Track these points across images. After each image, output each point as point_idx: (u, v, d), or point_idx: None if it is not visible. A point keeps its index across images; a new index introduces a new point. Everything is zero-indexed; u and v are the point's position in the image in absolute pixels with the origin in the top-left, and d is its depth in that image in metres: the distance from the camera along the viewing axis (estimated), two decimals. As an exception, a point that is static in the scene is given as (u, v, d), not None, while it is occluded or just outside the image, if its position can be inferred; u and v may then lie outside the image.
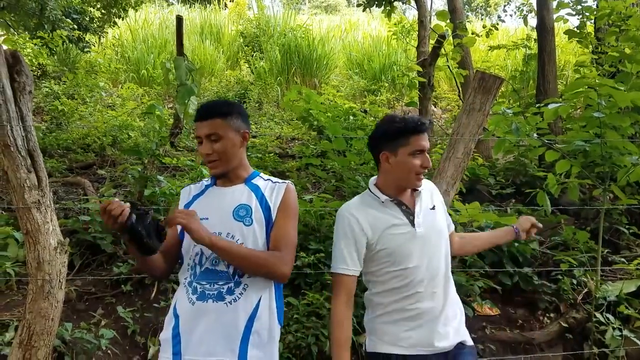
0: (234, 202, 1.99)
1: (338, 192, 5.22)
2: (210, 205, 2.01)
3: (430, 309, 2.03)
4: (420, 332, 2.02)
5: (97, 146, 6.72)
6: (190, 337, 1.86)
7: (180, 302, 1.93)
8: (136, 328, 3.46)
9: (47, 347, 2.74)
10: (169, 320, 1.94)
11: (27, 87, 2.73)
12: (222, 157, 1.99)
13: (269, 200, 2.01)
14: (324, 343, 3.40)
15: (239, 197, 2.00)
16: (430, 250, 2.06)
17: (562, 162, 3.85)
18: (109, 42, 11.81)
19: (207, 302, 1.86)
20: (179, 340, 1.87)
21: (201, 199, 2.06)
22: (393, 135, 2.03)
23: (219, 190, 2.06)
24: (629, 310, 3.73)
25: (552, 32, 6.70)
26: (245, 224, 1.94)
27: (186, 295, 1.90)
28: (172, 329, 1.90)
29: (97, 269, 3.99)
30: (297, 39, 11.27)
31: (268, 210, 1.99)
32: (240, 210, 1.97)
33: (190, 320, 1.87)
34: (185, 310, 1.89)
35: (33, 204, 2.70)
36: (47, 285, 2.72)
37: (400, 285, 2.04)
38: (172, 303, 1.98)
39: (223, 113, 2.01)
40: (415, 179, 2.04)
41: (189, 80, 4.98)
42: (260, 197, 2.01)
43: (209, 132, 1.99)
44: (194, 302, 1.87)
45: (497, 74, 3.21)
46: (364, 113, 7.51)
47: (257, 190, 2.03)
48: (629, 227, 4.70)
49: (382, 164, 2.10)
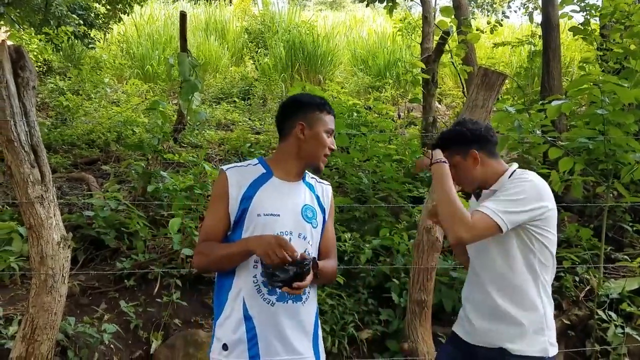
0: (300, 201, 1.94)
1: (341, 189, 5.23)
2: (279, 200, 1.90)
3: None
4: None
5: (101, 142, 6.74)
6: (271, 338, 1.82)
7: (252, 302, 1.83)
8: (139, 323, 3.48)
9: (50, 341, 2.76)
10: (238, 322, 1.83)
11: (30, 82, 2.74)
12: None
13: (322, 201, 2.03)
14: (325, 339, 3.40)
15: (303, 196, 1.97)
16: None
17: (565, 160, 3.84)
18: (114, 38, 11.82)
19: (287, 303, 1.84)
20: (256, 342, 1.81)
21: (266, 190, 1.91)
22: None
23: (283, 184, 1.94)
24: (631, 307, 3.73)
25: (557, 28, 6.66)
26: (314, 226, 1.94)
27: (259, 295, 1.83)
28: (247, 331, 1.82)
29: (100, 264, 4.01)
30: (302, 35, 11.25)
31: (323, 212, 2.02)
32: (308, 211, 1.94)
33: (270, 321, 1.83)
34: (262, 311, 1.83)
35: (36, 198, 2.72)
36: (50, 280, 2.74)
37: None
38: (233, 303, 1.86)
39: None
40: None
41: (193, 76, 4.99)
42: (317, 198, 2.02)
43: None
44: (274, 302, 1.83)
45: (500, 70, 3.20)
46: (368, 110, 7.50)
47: (313, 190, 2.03)
48: (632, 224, 4.69)
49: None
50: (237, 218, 1.88)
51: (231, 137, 7.17)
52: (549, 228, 1.98)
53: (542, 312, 1.97)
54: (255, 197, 1.88)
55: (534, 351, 1.95)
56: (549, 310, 2.01)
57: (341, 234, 4.12)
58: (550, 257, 2.01)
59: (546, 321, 1.98)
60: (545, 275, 2.00)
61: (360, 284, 3.88)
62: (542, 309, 1.98)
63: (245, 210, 1.87)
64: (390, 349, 3.49)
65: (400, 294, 3.70)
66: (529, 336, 1.95)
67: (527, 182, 1.94)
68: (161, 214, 4.46)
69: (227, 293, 1.88)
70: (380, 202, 4.68)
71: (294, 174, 1.96)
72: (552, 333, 2.00)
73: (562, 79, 6.95)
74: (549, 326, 1.99)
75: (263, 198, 1.88)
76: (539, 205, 1.92)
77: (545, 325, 1.97)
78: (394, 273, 3.89)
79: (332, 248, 2.03)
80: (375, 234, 4.24)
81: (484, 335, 2.03)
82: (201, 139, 7.12)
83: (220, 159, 6.32)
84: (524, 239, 1.96)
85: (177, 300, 3.60)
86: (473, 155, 2.07)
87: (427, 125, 6.22)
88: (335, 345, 3.43)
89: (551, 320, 2.01)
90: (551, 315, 2.02)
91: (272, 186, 1.92)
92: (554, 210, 1.99)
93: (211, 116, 8.32)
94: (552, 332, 2.00)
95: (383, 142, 5.70)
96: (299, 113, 1.93)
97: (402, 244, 4.01)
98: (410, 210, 4.71)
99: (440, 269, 3.71)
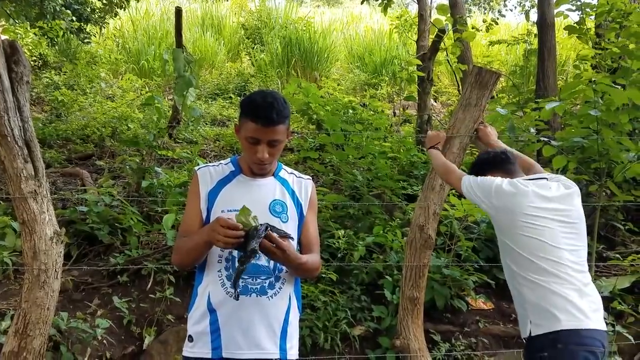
0: (269, 196, 1.94)
1: (335, 186, 5.24)
2: (244, 197, 1.90)
3: None
4: None
5: (96, 137, 6.72)
6: (232, 331, 1.83)
7: (215, 296, 1.86)
8: (132, 318, 3.49)
9: (42, 336, 2.76)
10: (202, 314, 1.87)
11: (24, 77, 2.73)
12: (273, 161, 1.94)
13: (299, 196, 2.01)
14: (318, 335, 3.42)
15: (273, 192, 1.96)
16: None
17: (559, 158, 3.86)
18: (110, 33, 11.77)
19: (250, 297, 1.84)
20: (219, 334, 1.83)
21: (230, 188, 1.94)
22: None
23: (250, 181, 1.96)
24: (622, 306, 3.75)
25: (553, 27, 6.67)
26: (283, 221, 1.92)
27: (223, 289, 1.85)
28: (210, 323, 1.85)
29: (94, 260, 4.01)
30: (299, 31, 11.23)
31: (299, 207, 2.00)
32: (277, 205, 1.94)
33: (232, 314, 1.83)
34: (225, 304, 1.84)
35: (29, 194, 2.71)
36: (43, 275, 2.74)
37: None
38: (200, 297, 1.90)
39: (286, 117, 1.86)
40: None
41: (188, 72, 4.98)
42: (292, 193, 2.00)
43: (273, 138, 1.85)
44: (237, 296, 1.82)
45: (494, 69, 3.21)
46: (363, 107, 7.51)
47: (287, 185, 2.01)
48: (624, 223, 4.72)
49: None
50: (206, 215, 1.93)
51: (227, 133, 7.16)
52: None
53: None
54: (220, 194, 1.93)
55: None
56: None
57: (335, 231, 4.13)
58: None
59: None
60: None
61: (354, 281, 3.90)
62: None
63: (210, 207, 1.92)
64: (383, 345, 3.51)
65: (393, 291, 3.72)
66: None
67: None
68: (155, 209, 4.45)
69: (197, 288, 1.93)
70: (374, 199, 4.69)
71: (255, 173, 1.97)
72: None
73: (557, 78, 6.97)
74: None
75: (227, 195, 1.93)
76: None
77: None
78: (387, 270, 3.91)
79: (313, 242, 2.00)
80: (369, 231, 4.26)
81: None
82: (196, 134, 7.11)
83: (215, 155, 6.33)
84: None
85: (170, 296, 3.61)
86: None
87: (422, 123, 6.23)
88: (327, 342, 3.44)
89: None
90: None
91: (238, 183, 1.96)
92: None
93: (207, 112, 8.30)
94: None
95: (378, 140, 5.72)
96: (240, 113, 1.91)
97: (395, 241, 4.03)
98: (404, 207, 4.73)
99: (432, 266, 3.73)
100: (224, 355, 1.83)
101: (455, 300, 3.83)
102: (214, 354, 1.83)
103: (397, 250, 4.02)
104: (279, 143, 1.88)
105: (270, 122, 1.81)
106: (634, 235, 4.83)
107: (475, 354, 3.61)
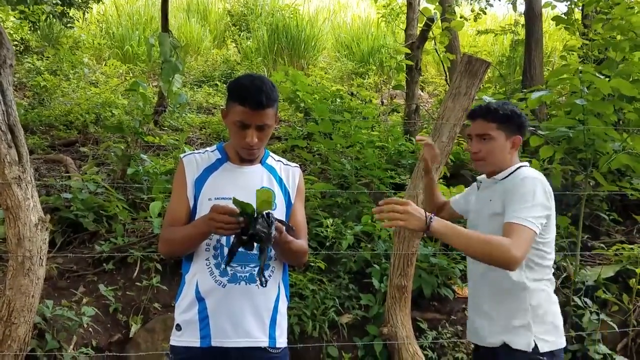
0: (256, 183, 1.90)
1: (323, 175, 5.22)
2: (231, 184, 1.89)
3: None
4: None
5: (79, 123, 6.62)
6: (221, 319, 1.81)
7: (204, 284, 1.84)
8: (118, 306, 3.46)
9: (27, 324, 2.73)
10: (190, 302, 1.85)
11: (7, 60, 2.68)
12: (263, 145, 1.91)
13: (287, 184, 1.99)
14: (306, 323, 3.42)
15: (260, 179, 1.93)
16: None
17: (545, 148, 3.89)
18: (94, 17, 11.57)
19: (239, 284, 1.82)
20: (208, 322, 1.82)
21: (217, 175, 1.92)
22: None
23: (237, 168, 1.94)
24: (606, 294, 3.80)
25: (540, 18, 6.70)
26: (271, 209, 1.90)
27: (211, 277, 1.84)
28: (199, 312, 1.83)
29: (79, 247, 3.96)
30: (285, 19, 11.13)
31: (287, 195, 1.98)
32: None
33: (221, 302, 1.82)
34: (214, 292, 1.83)
35: (13, 179, 2.67)
36: (28, 262, 2.70)
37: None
38: (188, 285, 1.88)
39: (274, 100, 1.83)
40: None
41: (174, 57, 4.91)
42: (279, 180, 1.98)
43: (262, 122, 1.81)
44: (225, 284, 1.82)
45: (484, 58, 3.21)
46: (351, 96, 7.49)
47: (274, 173, 1.98)
48: (609, 213, 4.77)
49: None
50: (193, 204, 1.91)
51: (213, 120, 7.09)
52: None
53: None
54: (206, 182, 1.91)
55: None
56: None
57: (323, 220, 4.12)
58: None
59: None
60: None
61: (342, 270, 3.90)
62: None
63: (197, 195, 1.90)
64: (370, 333, 3.52)
65: (381, 280, 3.73)
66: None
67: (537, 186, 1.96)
68: (141, 197, 4.40)
69: (185, 276, 1.92)
70: (362, 188, 4.69)
71: (243, 159, 1.94)
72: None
73: (544, 69, 7.01)
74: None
75: (214, 183, 1.90)
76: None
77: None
78: (374, 259, 3.91)
79: (301, 230, 1.99)
80: (357, 220, 4.26)
81: None
82: (182, 122, 7.03)
83: (202, 143, 6.27)
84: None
85: (157, 284, 3.58)
86: (516, 141, 2.10)
87: (409, 112, 6.23)
88: (315, 330, 3.45)
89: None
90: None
91: (225, 171, 1.93)
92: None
93: (192, 99, 8.21)
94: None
95: (366, 129, 5.70)
96: (227, 97, 1.89)
97: (383, 230, 4.03)
98: (392, 196, 4.72)
99: (420, 255, 3.74)
100: (212, 344, 1.81)
101: (442, 289, 3.85)
102: (202, 343, 1.82)
103: (384, 239, 4.02)
104: (267, 127, 1.85)
105: (259, 105, 1.78)
106: (618, 225, 4.89)
107: (461, 341, 3.64)
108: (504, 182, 2.07)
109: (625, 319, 3.77)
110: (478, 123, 2.11)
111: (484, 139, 2.09)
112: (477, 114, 2.12)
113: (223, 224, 1.66)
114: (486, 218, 2.08)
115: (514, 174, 2.06)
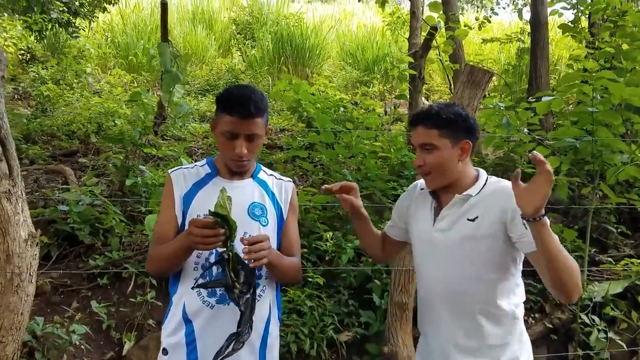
0: (247, 198, 1.86)
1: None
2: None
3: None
4: None
5: (81, 133, 6.58)
6: (209, 342, 1.74)
7: (191, 305, 1.78)
8: (111, 323, 3.38)
9: (15, 343, 2.66)
10: (178, 325, 1.79)
11: (-2, 72, 2.63)
12: (253, 157, 1.84)
13: (279, 199, 1.94)
14: (303, 341, 3.33)
15: (251, 194, 1.88)
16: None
17: (551, 159, 3.79)
18: (99, 27, 11.59)
19: (228, 305, 1.75)
20: (195, 346, 1.75)
21: (206, 191, 1.85)
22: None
23: (227, 183, 1.85)
24: (614, 311, 3.69)
25: (546, 26, 6.63)
26: (262, 224, 1.84)
27: (199, 298, 1.77)
28: (186, 335, 1.77)
29: (74, 260, 3.89)
30: (290, 27, 11.11)
31: (279, 210, 1.92)
32: (256, 209, 1.86)
33: (209, 324, 1.76)
34: (201, 314, 1.76)
35: (3, 194, 2.61)
36: (17, 279, 2.64)
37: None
38: (176, 306, 1.82)
39: (263, 110, 1.78)
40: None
41: (174, 67, 4.86)
42: (271, 195, 1.92)
43: (251, 131, 1.76)
44: (213, 305, 1.76)
45: (487, 67, 3.13)
46: (354, 105, 7.41)
47: (266, 188, 1.93)
48: (617, 226, 4.66)
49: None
50: (182, 220, 1.84)
51: (216, 130, 7.02)
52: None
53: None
54: (195, 197, 1.84)
55: None
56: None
57: (323, 233, 4.03)
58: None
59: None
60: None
61: (341, 285, 3.80)
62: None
63: (185, 211, 1.83)
64: (370, 352, 3.42)
65: (382, 296, 3.63)
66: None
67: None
68: (138, 209, 4.34)
69: (173, 297, 1.85)
70: (363, 200, 4.60)
71: (233, 173, 1.88)
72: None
73: (550, 77, 6.92)
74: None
75: (203, 198, 1.83)
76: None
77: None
78: (375, 274, 3.82)
79: (294, 246, 1.93)
80: (358, 233, 4.16)
81: None
82: (185, 131, 6.98)
83: (203, 153, 6.21)
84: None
85: (152, 300, 3.50)
86: (465, 147, 1.80)
87: (413, 122, 6.13)
88: (313, 348, 3.35)
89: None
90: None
91: (215, 185, 1.85)
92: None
93: (196, 108, 8.17)
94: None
95: (369, 139, 5.62)
96: (216, 109, 1.84)
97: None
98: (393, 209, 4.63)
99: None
100: None
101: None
102: None
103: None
104: (257, 137, 1.79)
105: (248, 114, 1.73)
106: (627, 238, 4.77)
107: None
108: (486, 196, 1.77)
109: (634, 337, 3.66)
110: (419, 131, 1.82)
111: (427, 149, 1.79)
112: (417, 120, 1.84)
113: (201, 237, 1.59)
114: (459, 240, 1.77)
115: (492, 184, 1.81)
